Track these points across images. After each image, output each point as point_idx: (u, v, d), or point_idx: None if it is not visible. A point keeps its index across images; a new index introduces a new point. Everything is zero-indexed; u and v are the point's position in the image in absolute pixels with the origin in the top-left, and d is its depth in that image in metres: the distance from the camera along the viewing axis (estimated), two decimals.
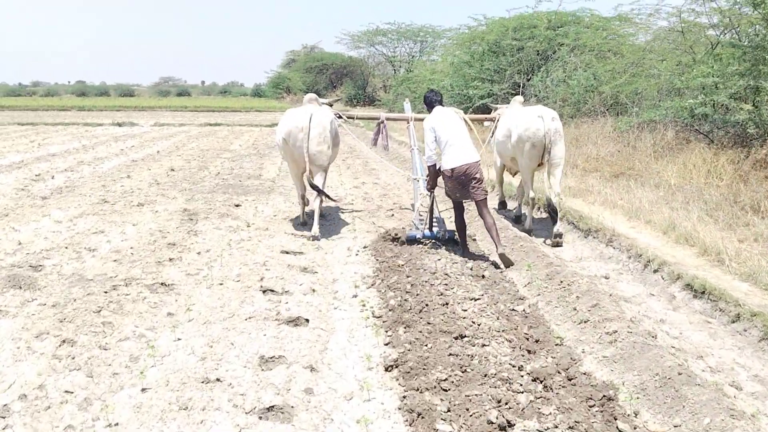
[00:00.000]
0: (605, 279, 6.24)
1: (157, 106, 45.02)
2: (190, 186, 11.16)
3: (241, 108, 44.32)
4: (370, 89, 49.15)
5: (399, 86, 34.30)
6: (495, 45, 20.01)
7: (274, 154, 16.63)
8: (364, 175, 13.18)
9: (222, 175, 12.64)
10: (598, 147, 13.18)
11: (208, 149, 17.73)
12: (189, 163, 14.41)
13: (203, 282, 5.81)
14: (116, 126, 27.15)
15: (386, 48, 49.66)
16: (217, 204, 9.47)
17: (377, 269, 6.23)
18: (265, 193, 10.55)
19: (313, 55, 58.78)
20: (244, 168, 13.75)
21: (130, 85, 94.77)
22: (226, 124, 28.37)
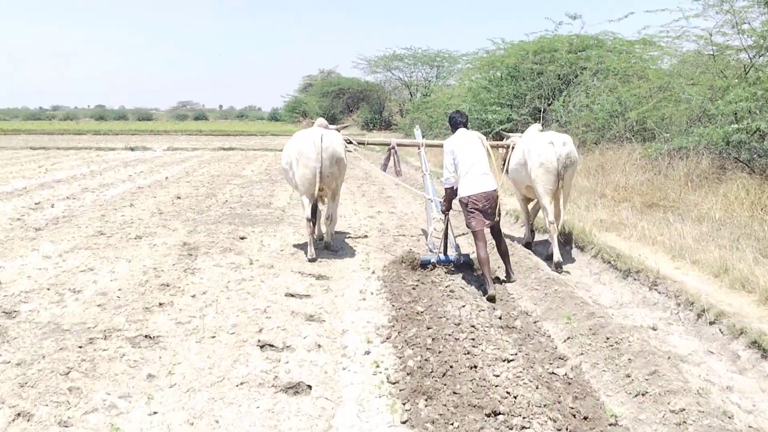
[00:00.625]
0: (653, 330, 5.41)
1: (173, 130, 44.71)
2: (194, 216, 10.46)
3: (257, 132, 43.94)
4: (386, 114, 48.69)
5: (415, 111, 33.71)
6: (514, 69, 19.33)
7: (283, 182, 15.93)
8: (379, 203, 12.42)
9: (230, 203, 11.94)
10: (626, 175, 12.36)
11: (218, 175, 17.09)
12: (197, 190, 13.74)
13: (193, 334, 5.04)
14: (129, 150, 26.67)
15: (403, 73, 49.29)
16: (220, 237, 8.74)
17: (393, 318, 5.43)
18: (274, 224, 9.81)
19: (330, 79, 58.49)
20: (254, 195, 13.05)
21: (148, 110, 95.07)
22: (239, 149, 27.80)
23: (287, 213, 10.89)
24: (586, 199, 10.93)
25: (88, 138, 36.77)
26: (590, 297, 6.26)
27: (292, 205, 11.83)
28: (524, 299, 6.10)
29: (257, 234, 9.05)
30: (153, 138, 37.18)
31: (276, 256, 7.70)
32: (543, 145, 7.19)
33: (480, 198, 6.24)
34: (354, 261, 7.64)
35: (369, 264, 7.41)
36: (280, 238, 8.81)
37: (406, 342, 4.78)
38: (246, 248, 8.11)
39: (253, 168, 19.31)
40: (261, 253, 7.87)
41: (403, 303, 5.73)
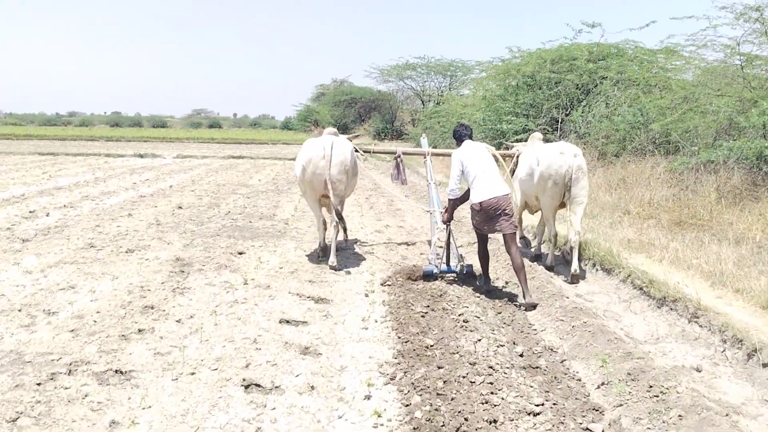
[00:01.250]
0: (698, 372, 4.69)
1: (185, 137, 44.31)
2: (193, 228, 9.83)
3: (268, 140, 43.43)
4: (398, 123, 48.08)
5: (428, 120, 33.08)
6: (531, 78, 18.64)
7: (292, 191, 15.31)
8: (388, 216, 11.75)
9: (232, 214, 11.31)
10: (651, 190, 11.63)
11: (224, 184, 16.49)
12: (200, 200, 13.13)
13: (171, 369, 4.38)
14: (138, 157, 26.18)
15: (415, 82, 48.75)
16: (217, 251, 8.10)
17: (399, 353, 4.74)
18: (275, 238, 9.15)
19: (342, 88, 58.07)
20: (258, 206, 12.41)
21: (163, 117, 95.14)
22: (249, 157, 27.25)
23: (290, 226, 10.24)
24: (610, 216, 10.20)
25: (99, 144, 36.41)
26: (622, 329, 5.55)
27: (296, 217, 11.19)
28: (548, 332, 5.41)
29: (257, 249, 8.40)
30: (165, 145, 36.74)
31: (274, 275, 7.03)
32: (553, 156, 7.00)
33: (490, 204, 6.16)
34: (358, 281, 6.97)
35: (374, 286, 6.73)
36: (280, 254, 8.15)
37: (413, 385, 4.09)
38: (243, 265, 7.46)
39: (260, 177, 18.71)
40: (258, 271, 7.21)
41: (410, 334, 5.04)
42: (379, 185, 16.80)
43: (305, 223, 10.59)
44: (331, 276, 7.11)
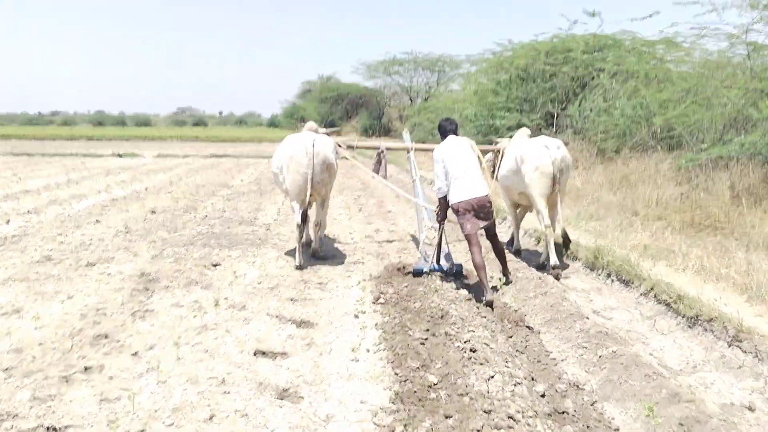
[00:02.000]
0: (750, 412, 3.93)
1: (168, 136, 43.31)
2: (166, 235, 8.98)
3: (253, 138, 42.56)
4: (385, 119, 47.29)
5: (416, 116, 32.30)
6: (524, 71, 17.88)
7: (276, 191, 14.46)
8: (378, 219, 10.94)
9: (210, 219, 10.46)
10: (659, 189, 10.90)
11: (204, 184, 15.60)
12: (176, 203, 12.26)
13: (115, 424, 3.54)
14: (117, 157, 25.21)
15: (403, 78, 48.03)
16: (188, 264, 7.27)
17: (397, 395, 3.92)
18: (255, 246, 8.31)
19: (329, 85, 57.28)
20: (239, 209, 11.56)
21: (148, 115, 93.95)
22: (232, 156, 26.36)
23: (272, 231, 9.40)
24: (618, 218, 9.46)
25: (79, 144, 35.36)
26: (652, 354, 4.77)
27: (279, 221, 10.35)
28: (570, 362, 4.62)
29: (234, 259, 7.56)
30: (146, 144, 35.76)
31: (251, 292, 6.20)
32: (538, 150, 7.02)
33: (469, 204, 6.13)
34: (346, 298, 6.14)
35: (365, 305, 5.91)
36: (259, 265, 7.32)
37: None
38: (217, 280, 6.62)
39: (243, 177, 17.83)
40: (233, 287, 6.37)
41: (409, 370, 4.23)
42: (368, 185, 15.98)
43: (289, 227, 9.76)
44: (316, 292, 6.28)
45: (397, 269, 6.98)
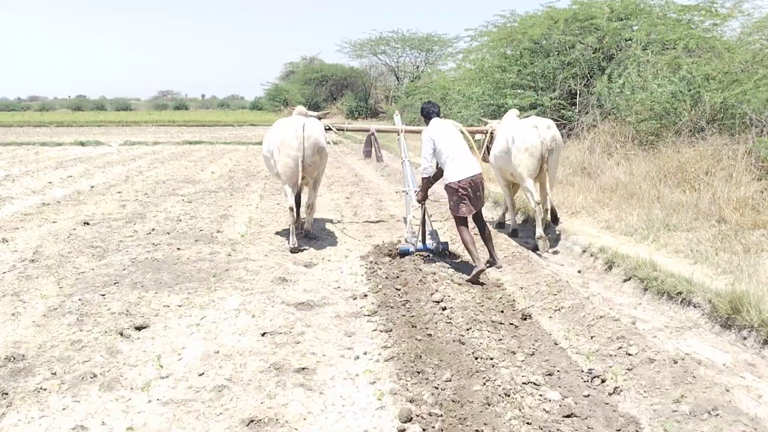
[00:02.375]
0: None
1: (144, 121, 40.13)
2: (86, 265, 6.25)
3: (233, 122, 39.56)
4: (372, 101, 44.49)
5: (406, 97, 29.57)
6: (537, 44, 15.17)
7: (251, 188, 11.71)
8: (379, 229, 8.27)
9: (157, 233, 7.71)
10: (733, 184, 8.31)
11: (166, 180, 12.80)
12: (122, 208, 9.48)
13: None
14: (79, 146, 22.24)
15: (389, 58, 45.27)
16: (100, 322, 4.57)
17: None
18: (208, 287, 5.58)
19: (312, 66, 54.25)
20: (199, 217, 8.80)
21: (128, 99, 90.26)
22: (208, 142, 23.46)
23: (238, 255, 6.66)
24: (707, 228, 6.85)
25: (46, 131, 32.30)
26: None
27: (250, 236, 7.61)
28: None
29: (171, 314, 4.85)
30: (119, 131, 32.78)
31: (187, 400, 3.50)
32: (527, 130, 6.99)
33: (468, 183, 5.99)
34: (346, 392, 3.48)
35: (376, 372, 3.27)
36: (208, 329, 4.57)
37: None
38: (132, 368, 3.88)
39: (214, 168, 15.01)
40: (154, 389, 3.64)
41: None
42: (362, 178, 13.25)
43: (262, 247, 7.06)
44: (297, 392, 3.59)
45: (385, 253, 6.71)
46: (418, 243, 6.63)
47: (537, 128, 6.90)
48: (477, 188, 6.04)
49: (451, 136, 6.22)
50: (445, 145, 6.10)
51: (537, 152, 6.85)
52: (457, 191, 5.98)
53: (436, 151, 6.16)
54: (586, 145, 12.55)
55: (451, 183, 6.03)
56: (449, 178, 6.02)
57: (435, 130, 6.26)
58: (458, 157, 6.06)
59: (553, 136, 6.96)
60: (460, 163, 6.03)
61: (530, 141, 6.87)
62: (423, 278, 5.64)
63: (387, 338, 4.37)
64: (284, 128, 7.01)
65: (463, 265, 6.45)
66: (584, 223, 7.91)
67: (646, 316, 4.98)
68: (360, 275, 5.99)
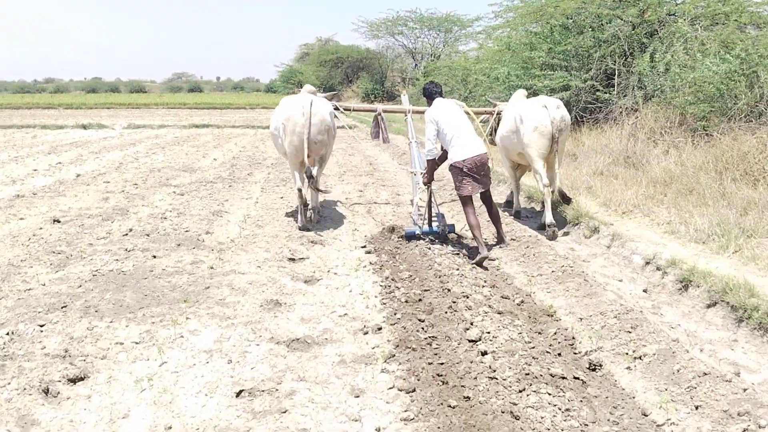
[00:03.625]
0: None
1: (153, 103, 38.97)
2: (44, 273, 5.09)
3: (246, 105, 38.34)
4: (388, 84, 42.99)
5: (425, 78, 28.12)
6: (569, 19, 13.73)
7: (254, 178, 10.50)
8: None
9: (134, 235, 6.50)
10: None
11: (162, 167, 11.61)
12: (104, 202, 8.30)
13: None
14: (80, 129, 21.13)
15: (407, 39, 43.63)
16: (25, 369, 3.38)
17: None
18: (181, 311, 4.39)
19: (328, 48, 52.65)
20: (188, 214, 7.59)
21: (143, 81, 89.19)
22: (215, 126, 22.26)
23: (225, 266, 5.43)
24: None
25: (53, 113, 31.28)
26: None
27: (243, 240, 6.37)
28: None
29: (123, 357, 3.65)
30: (127, 112, 31.73)
31: None
32: (536, 109, 6.76)
33: (473, 162, 5.87)
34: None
35: None
36: (167, 382, 3.36)
37: None
38: None
39: (217, 155, 13.79)
40: None
41: None
42: (377, 166, 11.98)
43: (255, 254, 5.83)
44: None
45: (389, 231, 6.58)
46: (424, 225, 6.50)
47: (547, 108, 6.69)
48: (482, 168, 5.93)
49: (454, 116, 6.11)
50: (449, 125, 6.00)
51: (547, 132, 6.66)
52: (461, 170, 5.89)
53: (440, 131, 6.07)
54: (626, 131, 11.17)
55: (455, 163, 5.93)
56: (454, 157, 5.94)
57: (438, 111, 6.14)
58: (462, 136, 5.97)
59: (563, 116, 6.78)
60: (465, 143, 5.93)
61: (540, 120, 6.67)
62: (453, 303, 4.39)
63: (409, 402, 3.15)
64: (291, 105, 6.83)
65: None
66: (640, 225, 6.61)
67: (750, 362, 3.71)
68: (373, 296, 4.74)
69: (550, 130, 6.66)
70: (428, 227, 6.52)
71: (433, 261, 5.47)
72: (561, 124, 6.71)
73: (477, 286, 4.84)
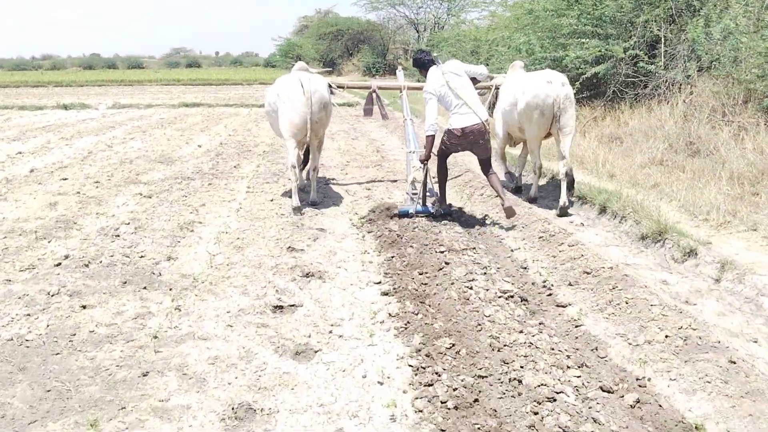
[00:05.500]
0: None
1: (147, 80, 36.92)
2: None
3: (243, 81, 36.31)
4: (390, 57, 40.89)
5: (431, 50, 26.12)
6: None
7: (240, 172, 8.73)
8: None
9: (67, 267, 4.73)
10: None
11: (136, 158, 9.82)
12: (50, 210, 6.55)
13: None
14: (61, 109, 19.28)
15: (409, 9, 41.46)
16: None
17: None
18: (97, 427, 2.71)
19: (327, 20, 50.40)
20: (148, 228, 5.82)
21: (141, 57, 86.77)
22: (207, 105, 20.35)
23: (180, 326, 3.67)
24: None
25: (41, 91, 29.47)
26: None
27: (210, 278, 4.56)
28: None
29: None
30: (117, 90, 29.79)
31: None
32: (540, 84, 6.32)
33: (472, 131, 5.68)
34: None
35: None
36: None
37: None
38: None
39: (203, 141, 11.97)
40: None
41: None
42: (386, 154, 10.19)
43: (228, 301, 4.10)
44: None
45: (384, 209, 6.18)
46: (418, 205, 6.18)
47: (551, 83, 6.27)
48: (481, 136, 5.76)
49: (456, 84, 5.76)
50: (450, 93, 5.74)
51: (549, 109, 6.29)
52: (459, 137, 5.75)
53: (442, 100, 5.82)
54: (679, 110, 9.37)
55: (454, 128, 5.76)
56: (453, 124, 5.76)
57: (437, 83, 5.84)
58: (465, 104, 5.72)
59: (567, 93, 6.32)
60: (467, 110, 5.71)
61: (542, 96, 6.28)
62: (533, 408, 2.68)
63: None
64: (288, 84, 6.47)
65: None
66: (750, 244, 4.84)
67: None
68: (400, 390, 3.01)
69: (552, 109, 6.26)
70: (422, 206, 6.17)
71: (481, 313, 3.73)
72: (565, 102, 6.28)
73: (558, 367, 3.10)
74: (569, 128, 6.38)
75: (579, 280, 4.36)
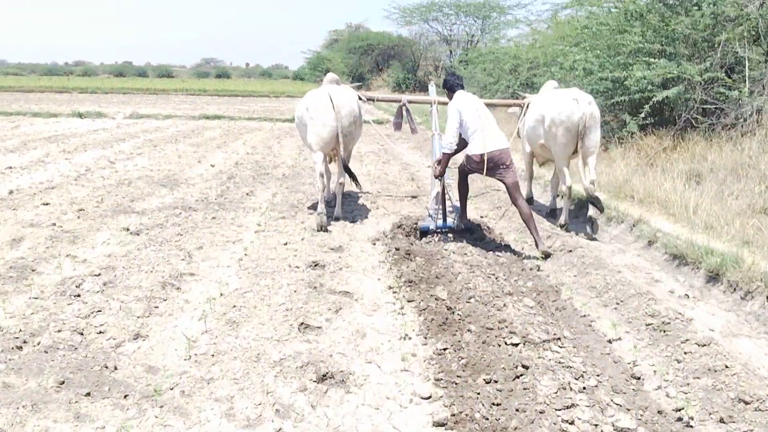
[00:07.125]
0: None
1: (173, 89, 36.01)
2: None
3: (270, 93, 35.22)
4: (421, 73, 39.63)
5: (463, 68, 24.70)
6: None
7: (252, 201, 7.37)
8: None
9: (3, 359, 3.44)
10: None
11: (137, 178, 8.52)
12: (10, 249, 5.23)
13: None
14: (76, 117, 18.18)
15: (442, 25, 40.22)
16: None
17: None
18: None
19: (358, 34, 49.47)
20: (120, 285, 4.45)
21: (172, 66, 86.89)
22: (228, 117, 19.12)
23: None
24: None
25: (64, 98, 28.57)
26: None
27: (185, 382, 3.17)
28: None
29: None
30: (140, 99, 28.85)
31: None
32: (566, 102, 6.26)
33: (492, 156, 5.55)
34: None
35: None
36: None
37: None
38: None
39: (217, 159, 10.66)
40: None
41: None
42: (420, 182, 8.77)
43: (199, 428, 2.71)
44: None
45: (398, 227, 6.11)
46: (439, 220, 5.95)
47: (577, 101, 6.20)
48: (502, 162, 5.62)
49: (478, 110, 5.71)
50: (472, 117, 5.64)
51: (574, 127, 6.18)
52: (478, 163, 5.58)
53: (462, 124, 5.67)
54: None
55: (473, 154, 5.62)
56: (474, 150, 5.61)
57: (463, 103, 5.72)
58: (485, 129, 5.63)
59: (592, 112, 6.23)
60: (487, 136, 5.60)
61: (568, 113, 6.19)
62: None
63: None
64: (318, 97, 6.40)
65: None
66: None
67: None
68: None
69: (577, 126, 6.18)
70: (443, 222, 5.99)
71: None
72: (590, 121, 6.20)
73: None
74: (592, 148, 6.31)
75: (734, 414, 2.88)
